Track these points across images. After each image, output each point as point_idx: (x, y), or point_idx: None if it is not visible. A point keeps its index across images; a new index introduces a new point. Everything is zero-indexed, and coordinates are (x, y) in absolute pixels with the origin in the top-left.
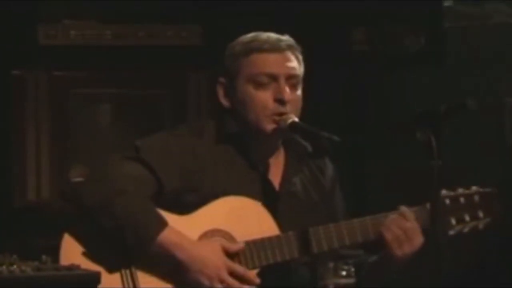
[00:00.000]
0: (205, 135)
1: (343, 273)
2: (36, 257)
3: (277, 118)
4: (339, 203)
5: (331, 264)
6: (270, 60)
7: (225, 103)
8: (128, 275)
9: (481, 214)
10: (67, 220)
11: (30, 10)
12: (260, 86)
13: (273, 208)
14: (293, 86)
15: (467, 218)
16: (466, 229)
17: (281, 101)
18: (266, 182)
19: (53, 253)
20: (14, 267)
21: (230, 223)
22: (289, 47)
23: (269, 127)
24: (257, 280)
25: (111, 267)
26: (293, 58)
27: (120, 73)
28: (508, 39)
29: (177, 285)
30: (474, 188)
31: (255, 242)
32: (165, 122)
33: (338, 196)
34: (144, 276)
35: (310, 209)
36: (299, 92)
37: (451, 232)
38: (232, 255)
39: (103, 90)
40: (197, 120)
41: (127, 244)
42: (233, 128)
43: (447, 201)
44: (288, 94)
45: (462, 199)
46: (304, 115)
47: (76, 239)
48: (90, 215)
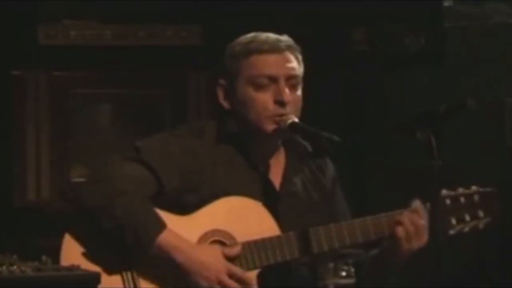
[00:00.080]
0: (205, 135)
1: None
2: (36, 258)
3: (278, 119)
4: (340, 203)
5: (331, 265)
6: (270, 62)
7: (225, 105)
8: (129, 276)
9: (481, 214)
10: (67, 220)
11: (30, 10)
12: (260, 88)
13: (274, 208)
14: (293, 87)
15: (467, 218)
16: (466, 229)
17: (281, 103)
18: (267, 182)
19: (53, 253)
20: (14, 268)
21: (231, 223)
22: (288, 48)
23: (270, 128)
24: (255, 283)
25: (112, 268)
26: (293, 59)
27: (120, 73)
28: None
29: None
30: (474, 188)
31: (256, 242)
32: (165, 122)
33: (339, 196)
34: (145, 277)
35: (311, 209)
36: (299, 92)
37: (452, 232)
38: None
39: (103, 90)
40: (197, 120)
41: (127, 245)
42: (233, 128)
43: (447, 201)
44: (288, 96)
45: (462, 199)
46: (304, 115)
47: (77, 240)
48: (90, 216)
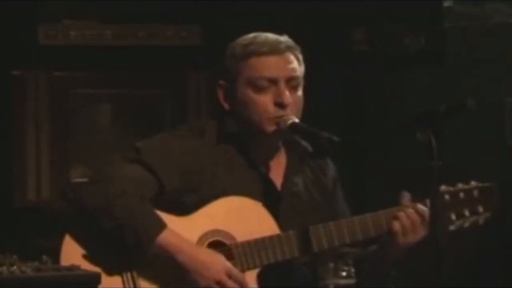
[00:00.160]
0: (206, 135)
1: (343, 274)
2: (36, 258)
3: (278, 120)
4: (341, 203)
5: (331, 265)
6: (270, 63)
7: (226, 106)
8: (129, 276)
9: (481, 209)
10: (67, 221)
11: (30, 10)
12: (260, 90)
13: (275, 208)
14: (293, 88)
15: (467, 213)
16: (466, 224)
17: (281, 105)
18: (268, 182)
19: (53, 254)
20: (14, 268)
21: (231, 224)
22: (288, 48)
23: (270, 129)
24: (255, 283)
25: (112, 268)
26: (293, 59)
27: (120, 73)
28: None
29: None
30: (473, 183)
31: (256, 241)
32: (165, 122)
33: (340, 196)
34: (145, 278)
35: (312, 209)
36: (300, 93)
37: (452, 228)
38: (233, 256)
39: (103, 90)
40: (197, 120)
41: (127, 245)
42: (234, 128)
43: (447, 197)
44: (288, 98)
45: (462, 194)
46: (304, 115)
47: (77, 240)
48: (90, 216)
